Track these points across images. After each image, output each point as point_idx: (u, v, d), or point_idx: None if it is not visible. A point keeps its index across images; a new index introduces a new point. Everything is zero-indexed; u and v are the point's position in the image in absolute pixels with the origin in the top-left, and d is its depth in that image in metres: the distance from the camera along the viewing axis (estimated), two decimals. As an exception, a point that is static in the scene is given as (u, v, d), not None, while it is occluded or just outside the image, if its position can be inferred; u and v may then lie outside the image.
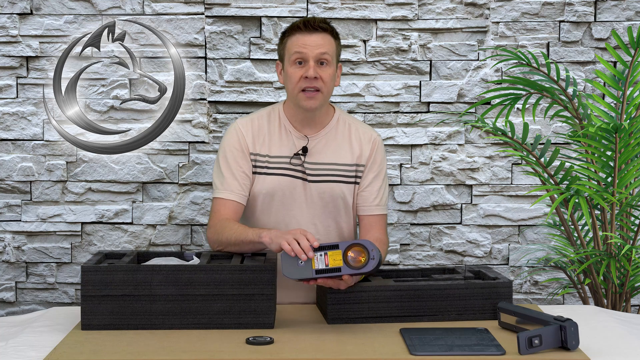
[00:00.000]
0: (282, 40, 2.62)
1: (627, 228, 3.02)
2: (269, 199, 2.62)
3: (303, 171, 2.63)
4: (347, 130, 2.69)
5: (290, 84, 2.58)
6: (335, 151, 2.65)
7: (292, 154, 2.63)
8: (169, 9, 3.39)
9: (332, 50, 2.58)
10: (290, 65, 2.57)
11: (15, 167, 3.41)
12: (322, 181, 2.63)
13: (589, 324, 2.25)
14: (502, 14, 3.43)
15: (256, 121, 2.68)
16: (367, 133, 2.70)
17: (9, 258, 3.43)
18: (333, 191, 2.63)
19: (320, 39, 2.55)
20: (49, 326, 2.25)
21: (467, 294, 2.30)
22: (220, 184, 2.62)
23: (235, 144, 2.64)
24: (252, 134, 2.65)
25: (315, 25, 2.56)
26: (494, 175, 3.48)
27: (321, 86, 2.55)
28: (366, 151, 2.67)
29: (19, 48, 3.37)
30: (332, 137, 2.66)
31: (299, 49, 2.54)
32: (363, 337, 2.11)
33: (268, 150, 2.64)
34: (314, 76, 2.53)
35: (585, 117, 3.02)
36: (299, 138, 2.64)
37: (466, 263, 3.50)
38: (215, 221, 2.57)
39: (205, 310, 2.19)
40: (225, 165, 2.63)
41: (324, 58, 2.55)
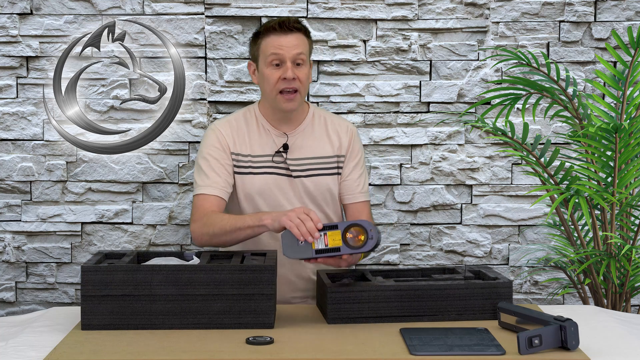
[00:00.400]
0: (256, 41, 2.64)
1: (627, 228, 3.02)
2: (257, 197, 2.66)
3: (287, 168, 2.67)
4: (323, 123, 2.75)
5: (267, 85, 2.61)
6: (315, 145, 2.71)
7: (274, 152, 2.67)
8: (169, 9, 3.39)
9: (307, 49, 2.63)
10: (266, 66, 2.60)
11: (15, 167, 3.41)
12: (307, 175, 2.69)
13: (589, 324, 2.25)
14: (502, 14, 3.43)
15: (234, 122, 2.71)
16: (343, 124, 2.77)
17: (9, 258, 3.43)
18: (319, 184, 2.69)
19: (296, 39, 2.59)
20: (49, 326, 2.25)
21: (467, 294, 2.30)
22: (202, 181, 2.63)
23: (215, 143, 2.67)
24: (231, 134, 2.68)
25: (290, 26, 2.59)
26: (494, 175, 3.48)
27: (299, 86, 2.60)
28: (345, 142, 2.74)
29: (19, 48, 3.37)
30: (309, 132, 2.72)
31: (276, 50, 2.58)
32: (363, 337, 2.11)
33: (250, 150, 2.67)
34: (292, 77, 2.57)
35: (585, 117, 3.02)
36: (278, 136, 2.68)
37: (466, 263, 3.50)
38: (199, 215, 2.58)
39: (205, 310, 2.19)
40: (205, 163, 2.65)
41: (300, 58, 2.60)
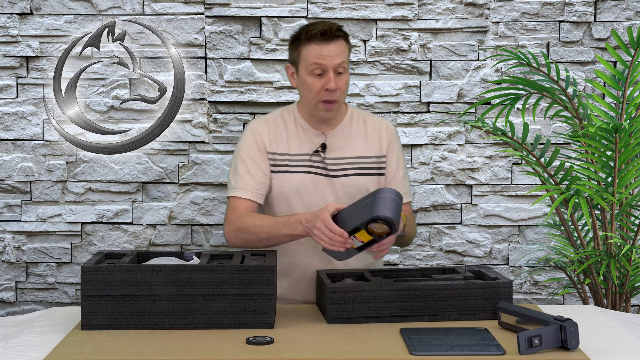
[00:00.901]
0: (297, 47, 2.60)
1: (627, 228, 3.02)
2: (293, 196, 2.63)
3: (325, 167, 2.64)
4: (362, 123, 2.72)
5: (309, 93, 2.59)
6: (354, 145, 2.68)
7: (312, 151, 2.65)
8: (169, 9, 3.39)
9: (347, 56, 2.60)
10: (307, 74, 2.57)
11: (15, 167, 3.41)
12: (345, 175, 2.65)
13: (589, 324, 2.25)
14: (502, 14, 3.43)
15: (271, 121, 2.69)
16: (383, 124, 2.74)
17: (9, 258, 3.43)
18: (357, 184, 2.65)
19: (337, 48, 2.56)
20: (49, 326, 2.25)
21: (467, 294, 2.30)
22: (235, 182, 2.63)
23: (252, 142, 2.65)
24: (268, 133, 2.66)
25: (332, 35, 2.55)
26: (494, 175, 3.48)
27: (339, 97, 2.58)
28: (384, 142, 2.71)
29: (19, 48, 3.38)
30: (348, 132, 2.69)
31: (318, 60, 2.54)
32: (363, 337, 2.11)
33: (287, 149, 2.65)
34: (335, 89, 2.55)
35: (585, 117, 3.02)
36: (316, 135, 2.66)
37: (466, 263, 3.50)
38: (233, 218, 2.58)
39: (205, 310, 2.19)
40: (241, 164, 2.64)
41: (342, 67, 2.57)
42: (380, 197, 2.25)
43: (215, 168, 3.43)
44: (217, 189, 3.45)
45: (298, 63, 2.61)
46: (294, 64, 2.63)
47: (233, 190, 2.63)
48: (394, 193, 2.26)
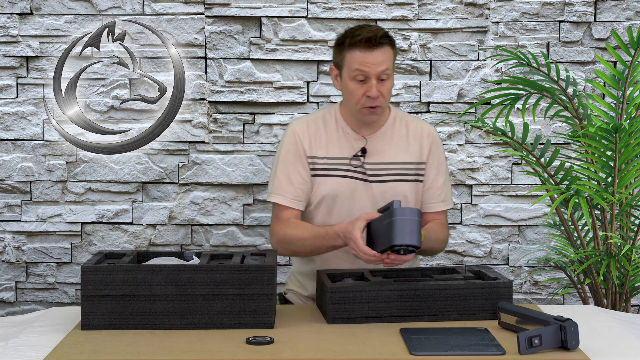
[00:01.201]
0: (341, 51, 2.57)
1: (627, 228, 3.02)
2: (331, 200, 2.61)
3: (364, 172, 2.62)
4: (405, 128, 2.68)
5: (351, 98, 2.57)
6: (394, 150, 2.65)
7: (351, 155, 2.62)
8: (169, 9, 3.39)
9: (391, 62, 2.56)
10: (350, 79, 2.55)
11: (15, 167, 3.41)
12: (384, 181, 2.62)
13: (589, 324, 2.25)
14: (502, 14, 3.43)
15: (312, 123, 2.66)
16: (425, 129, 2.69)
17: (9, 258, 3.43)
18: (395, 190, 2.62)
19: (381, 55, 2.52)
20: (49, 326, 2.25)
21: (467, 294, 2.29)
22: (275, 187, 2.63)
23: (292, 146, 2.63)
24: (308, 136, 2.63)
25: (376, 42, 2.51)
26: (494, 175, 3.48)
27: (382, 102, 2.55)
28: (425, 148, 2.67)
29: (19, 48, 3.38)
30: (389, 136, 2.66)
31: (361, 67, 2.51)
32: (363, 337, 2.11)
33: (326, 152, 2.63)
34: (377, 96, 2.52)
35: (585, 117, 3.02)
36: (356, 139, 2.63)
37: (466, 263, 3.50)
38: (277, 228, 2.61)
39: (205, 310, 2.19)
40: (281, 167, 2.63)
41: (385, 74, 2.53)
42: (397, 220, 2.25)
43: (215, 168, 3.43)
44: (217, 189, 3.45)
45: (342, 67, 2.57)
46: (338, 67, 2.60)
47: (272, 195, 2.63)
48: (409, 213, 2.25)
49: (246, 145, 3.44)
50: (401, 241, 2.23)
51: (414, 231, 2.24)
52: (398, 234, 2.24)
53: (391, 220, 2.25)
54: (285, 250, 2.62)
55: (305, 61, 3.43)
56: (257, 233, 3.47)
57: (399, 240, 2.24)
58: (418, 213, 2.26)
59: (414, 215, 2.25)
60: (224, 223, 3.46)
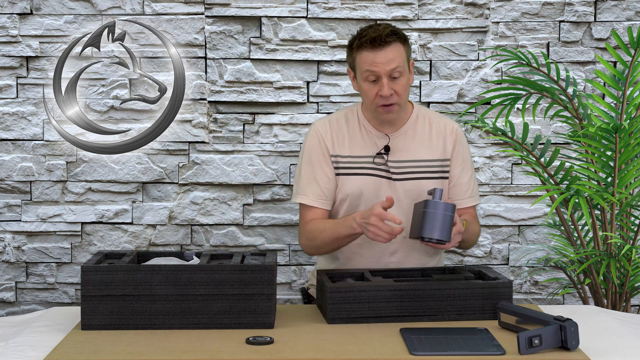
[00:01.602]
0: (351, 53, 2.58)
1: (627, 228, 3.02)
2: (355, 199, 2.62)
3: (387, 170, 2.62)
4: (428, 125, 2.67)
5: (366, 98, 2.57)
6: (418, 148, 2.64)
7: (375, 153, 2.62)
8: (169, 9, 3.39)
9: (403, 58, 2.53)
10: (362, 80, 2.55)
11: (15, 167, 3.41)
12: (408, 179, 2.62)
13: (589, 324, 2.25)
14: (502, 14, 3.43)
15: (335, 122, 2.66)
16: (449, 125, 2.69)
17: (9, 258, 3.43)
18: (420, 188, 2.61)
19: (390, 53, 2.51)
20: (49, 326, 2.25)
21: (467, 294, 2.30)
22: (300, 188, 2.63)
23: (316, 146, 2.63)
24: (331, 135, 2.64)
25: (382, 41, 2.50)
26: (494, 175, 3.48)
27: (397, 100, 2.54)
28: (449, 145, 2.67)
29: (19, 48, 3.38)
30: (412, 133, 2.65)
31: (370, 67, 2.51)
32: (363, 337, 2.11)
33: (350, 151, 2.63)
34: (389, 94, 2.51)
35: (585, 117, 3.02)
36: (379, 137, 2.63)
37: (466, 263, 3.50)
38: (303, 228, 2.63)
39: (205, 310, 2.19)
40: (306, 168, 2.64)
41: (396, 72, 2.51)
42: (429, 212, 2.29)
43: (215, 168, 3.43)
44: (217, 189, 3.45)
45: (355, 69, 2.58)
46: (352, 69, 2.61)
47: (297, 196, 2.64)
48: (442, 208, 2.28)
49: (246, 145, 3.44)
50: (430, 234, 2.29)
51: (445, 227, 2.29)
52: (428, 226, 2.29)
53: (424, 212, 2.30)
54: (311, 248, 2.62)
55: (305, 61, 3.43)
56: (257, 233, 3.47)
57: (428, 233, 2.29)
58: (452, 208, 2.30)
59: (447, 210, 2.29)
60: (224, 223, 3.46)
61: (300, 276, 3.49)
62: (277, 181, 3.45)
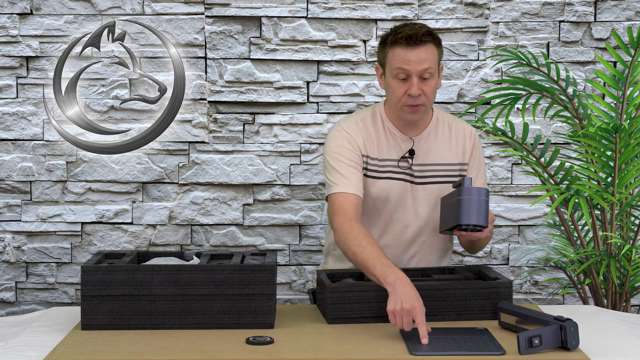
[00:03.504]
0: (383, 49, 2.55)
1: (627, 228, 3.02)
2: (380, 202, 2.59)
3: (411, 174, 2.60)
4: (448, 128, 2.66)
5: (393, 97, 2.54)
6: (439, 151, 2.63)
7: (399, 156, 2.60)
8: (169, 9, 3.39)
9: (435, 60, 2.52)
10: (392, 78, 2.52)
11: (15, 167, 3.41)
12: (429, 182, 2.61)
13: (589, 324, 2.25)
14: (502, 14, 3.43)
15: (361, 123, 2.62)
16: (467, 130, 2.68)
17: (9, 258, 3.43)
18: (440, 192, 2.59)
19: (424, 53, 2.49)
20: (49, 326, 2.25)
21: (467, 294, 2.30)
22: (338, 180, 2.53)
23: (346, 144, 2.57)
24: (361, 136, 2.59)
25: (418, 40, 2.47)
26: (494, 175, 3.48)
27: (424, 101, 2.51)
28: (468, 148, 2.66)
29: (19, 48, 3.38)
30: (434, 137, 2.64)
31: (402, 65, 2.48)
32: (363, 337, 2.11)
33: (377, 153, 2.60)
34: (417, 94, 2.48)
35: (585, 117, 3.02)
36: (404, 140, 2.61)
37: (466, 263, 3.50)
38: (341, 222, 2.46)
39: (205, 310, 2.19)
40: (339, 163, 2.55)
41: (427, 72, 2.49)
42: (463, 199, 2.28)
43: (215, 168, 3.43)
44: (217, 189, 3.45)
45: (385, 65, 2.55)
46: (382, 65, 2.57)
47: (336, 187, 2.52)
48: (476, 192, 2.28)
49: (246, 145, 3.44)
50: (467, 221, 2.27)
51: (480, 211, 2.28)
52: (464, 213, 2.28)
53: (459, 199, 2.29)
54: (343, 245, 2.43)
55: (305, 61, 3.43)
56: (257, 233, 3.47)
57: (465, 220, 2.27)
58: (486, 193, 2.29)
59: (481, 195, 2.28)
60: (224, 223, 3.46)
61: (300, 276, 3.49)
62: (277, 181, 3.45)
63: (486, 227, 2.28)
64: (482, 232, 2.32)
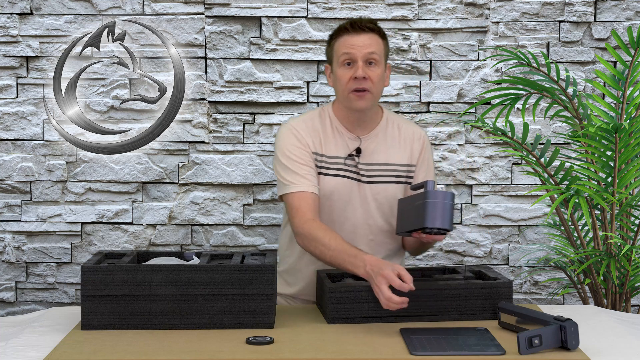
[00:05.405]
0: (330, 43, 2.62)
1: (627, 228, 3.02)
2: (326, 200, 2.61)
3: (357, 172, 2.63)
4: (397, 130, 2.70)
5: (340, 85, 2.58)
6: (387, 151, 2.66)
7: (346, 154, 2.63)
8: (169, 9, 3.39)
9: (381, 50, 2.58)
10: (339, 66, 2.57)
11: (15, 167, 3.41)
12: (376, 182, 2.64)
13: (589, 324, 2.25)
14: (502, 14, 3.43)
15: (309, 122, 2.65)
16: (417, 132, 2.72)
17: (9, 258, 3.43)
18: (387, 192, 2.63)
19: (368, 39, 2.56)
20: (49, 326, 2.25)
21: (467, 294, 2.30)
22: (292, 178, 2.56)
23: (296, 142, 2.60)
24: (309, 134, 2.62)
25: (362, 26, 2.56)
26: (494, 175, 3.48)
27: (370, 87, 2.55)
28: (416, 150, 2.69)
29: (19, 48, 3.38)
30: (382, 137, 2.67)
31: (347, 49, 2.55)
32: (363, 337, 2.11)
33: (324, 150, 2.63)
34: (362, 76, 2.53)
35: (585, 117, 3.02)
36: (351, 139, 2.64)
37: (466, 263, 3.50)
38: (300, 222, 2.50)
39: (205, 310, 2.19)
40: (290, 161, 2.58)
41: (372, 58, 2.55)
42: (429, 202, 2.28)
43: (215, 168, 3.43)
44: (217, 189, 3.45)
45: (332, 59, 2.61)
46: (330, 61, 2.64)
47: (291, 186, 2.55)
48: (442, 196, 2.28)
49: (246, 145, 3.44)
50: (432, 224, 2.27)
51: (445, 215, 2.28)
52: (430, 216, 2.28)
53: (424, 202, 2.29)
54: (308, 249, 2.49)
55: (305, 61, 3.43)
56: (257, 233, 3.47)
57: (431, 223, 2.27)
58: (452, 197, 2.30)
59: (447, 198, 2.29)
60: (224, 223, 3.46)
61: (300, 276, 3.49)
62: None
63: (450, 230, 2.28)
64: (443, 236, 2.33)
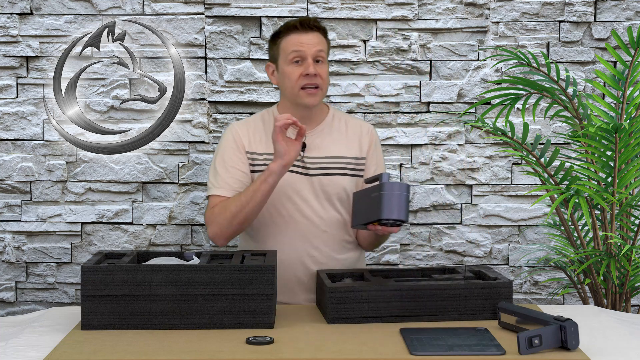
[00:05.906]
0: (275, 41, 2.70)
1: (627, 228, 3.02)
2: (276, 194, 2.65)
3: (304, 166, 2.69)
4: (344, 125, 2.78)
5: (289, 82, 2.65)
6: (334, 145, 2.73)
7: None
8: (169, 9, 3.39)
9: (326, 49, 2.69)
10: (287, 64, 2.65)
11: (15, 167, 3.41)
12: (324, 174, 2.70)
13: (589, 324, 2.25)
14: (502, 14, 3.43)
15: (252, 123, 2.76)
16: (364, 127, 2.80)
17: (9, 258, 3.43)
18: (335, 183, 2.70)
19: (316, 38, 2.65)
20: (49, 326, 2.25)
21: (467, 294, 2.30)
22: (215, 181, 2.69)
23: (231, 143, 2.71)
24: (247, 133, 2.72)
25: (311, 25, 2.65)
26: (494, 175, 3.48)
27: (320, 83, 2.65)
28: (365, 144, 2.77)
29: (19, 48, 3.38)
30: (328, 132, 2.75)
31: (297, 47, 2.63)
32: (363, 337, 2.11)
33: (266, 148, 2.70)
34: (314, 73, 2.61)
35: (585, 117, 3.02)
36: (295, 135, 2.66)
37: (466, 263, 3.50)
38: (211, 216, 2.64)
39: (205, 310, 2.19)
40: (220, 164, 2.70)
41: (320, 56, 2.65)
42: (385, 194, 2.30)
43: (215, 168, 3.43)
44: (217, 189, 3.45)
45: (278, 58, 2.68)
46: (274, 60, 2.71)
47: (212, 189, 2.69)
48: (398, 188, 2.31)
49: (246, 145, 3.44)
50: (389, 215, 2.31)
51: (402, 206, 2.32)
52: (386, 208, 2.32)
53: (380, 194, 2.32)
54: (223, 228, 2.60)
55: (305, 61, 3.43)
56: (257, 233, 3.47)
57: (387, 214, 2.31)
58: (407, 188, 2.33)
59: (403, 190, 2.32)
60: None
61: (300, 276, 3.49)
62: (277, 181, 3.44)
63: (406, 221, 2.34)
64: (398, 227, 2.39)
